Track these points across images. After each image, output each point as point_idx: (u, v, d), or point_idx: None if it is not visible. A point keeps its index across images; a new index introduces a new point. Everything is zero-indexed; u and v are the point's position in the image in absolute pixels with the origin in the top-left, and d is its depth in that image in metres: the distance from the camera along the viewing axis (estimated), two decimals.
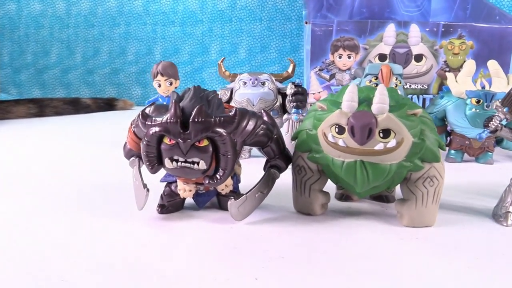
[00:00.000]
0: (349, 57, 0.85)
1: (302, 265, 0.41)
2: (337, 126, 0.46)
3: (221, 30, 1.53)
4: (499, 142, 0.80)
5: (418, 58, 0.88)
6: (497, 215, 0.52)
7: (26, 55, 1.62)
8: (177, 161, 0.47)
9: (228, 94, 0.79)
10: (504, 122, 0.61)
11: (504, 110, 0.51)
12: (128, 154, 0.55)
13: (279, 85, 0.78)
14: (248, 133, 0.50)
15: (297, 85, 0.72)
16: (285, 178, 0.55)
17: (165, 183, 0.55)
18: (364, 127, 0.44)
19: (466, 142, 0.77)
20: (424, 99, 0.90)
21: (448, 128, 0.80)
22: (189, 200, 0.54)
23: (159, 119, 0.46)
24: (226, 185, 0.53)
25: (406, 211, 0.50)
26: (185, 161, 0.47)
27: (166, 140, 0.46)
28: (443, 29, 0.87)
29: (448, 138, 0.80)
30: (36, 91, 1.62)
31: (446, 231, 0.49)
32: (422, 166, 0.48)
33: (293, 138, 0.53)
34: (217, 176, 0.47)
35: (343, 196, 0.58)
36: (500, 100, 0.52)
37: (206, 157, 0.46)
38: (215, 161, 0.47)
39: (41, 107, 1.31)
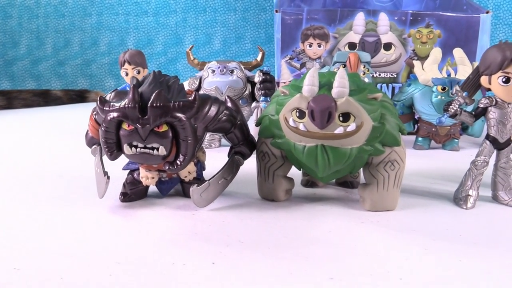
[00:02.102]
0: (319, 46, 0.85)
1: (261, 250, 0.41)
2: (297, 110, 0.46)
3: (195, 21, 1.51)
4: (465, 129, 0.82)
5: (387, 46, 0.89)
6: (458, 199, 0.53)
7: None
8: (136, 147, 0.46)
9: (197, 83, 0.78)
10: (470, 108, 0.62)
11: (464, 94, 0.51)
12: (90, 142, 0.54)
13: (248, 73, 0.78)
14: (210, 118, 0.49)
15: (265, 73, 0.71)
16: (251, 165, 0.55)
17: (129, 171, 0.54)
18: (324, 111, 0.44)
19: (433, 129, 0.78)
20: (393, 88, 0.91)
21: (416, 115, 0.81)
22: (153, 188, 0.53)
23: (117, 105, 0.45)
24: (189, 172, 0.52)
25: (368, 195, 0.50)
26: (145, 147, 0.46)
27: (125, 126, 0.46)
28: (411, 18, 0.87)
29: (416, 126, 0.81)
30: (6, 83, 1.58)
31: (407, 215, 0.49)
32: (383, 150, 0.48)
33: (257, 124, 0.53)
34: (177, 162, 0.47)
35: (309, 183, 0.59)
36: (460, 85, 0.52)
37: (165, 143, 0.46)
38: (176, 147, 0.47)
39: (9, 99, 1.28)
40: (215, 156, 0.60)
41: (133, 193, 0.53)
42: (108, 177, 0.50)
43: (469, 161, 0.54)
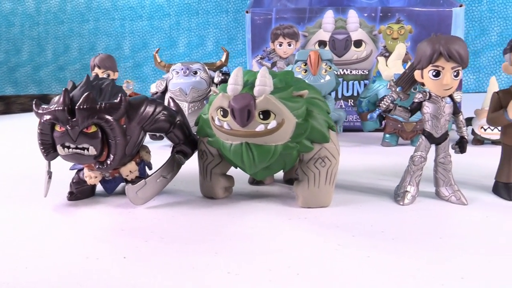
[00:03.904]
0: (289, 45, 0.86)
1: (176, 245, 0.42)
2: (221, 109, 0.47)
3: (188, 23, 1.54)
4: None
5: (358, 43, 0.89)
6: (396, 195, 0.53)
7: None
8: (68, 147, 0.48)
9: (164, 85, 0.80)
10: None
11: (398, 89, 0.51)
12: None
13: (213, 74, 0.79)
14: (145, 119, 0.51)
15: (224, 73, 0.73)
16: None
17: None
18: (243, 109, 0.44)
19: (399, 125, 0.78)
20: (365, 85, 0.90)
21: None
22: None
23: (49, 107, 0.47)
24: (130, 171, 0.54)
25: (300, 192, 0.50)
26: (76, 148, 0.48)
27: (57, 128, 0.48)
28: (381, 14, 0.87)
29: (383, 123, 0.81)
30: (9, 89, 1.65)
31: (339, 212, 0.49)
32: (311, 147, 0.48)
33: (195, 123, 0.54)
34: (107, 161, 0.48)
35: (255, 180, 0.59)
36: (394, 80, 0.52)
37: (95, 143, 0.47)
38: (107, 147, 0.48)
39: (7, 104, 1.33)
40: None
41: (79, 192, 0.55)
42: (50, 177, 0.52)
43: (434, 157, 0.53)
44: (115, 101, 0.47)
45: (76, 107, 0.46)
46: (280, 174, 0.60)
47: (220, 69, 0.80)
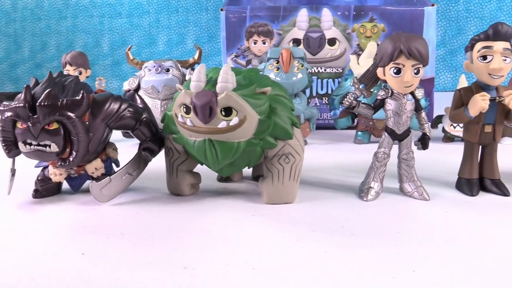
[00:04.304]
0: (264, 43, 0.86)
1: (136, 241, 0.42)
2: (184, 106, 0.47)
3: (168, 21, 1.53)
4: None
5: (332, 42, 0.89)
6: (361, 191, 0.53)
7: None
8: (30, 144, 0.47)
9: (137, 82, 0.79)
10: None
11: (361, 86, 0.52)
12: None
13: (186, 71, 0.79)
14: (110, 116, 0.51)
15: None
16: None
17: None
18: (205, 106, 0.45)
19: (370, 123, 0.79)
20: (339, 82, 0.91)
21: None
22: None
23: (10, 104, 0.47)
24: (96, 168, 0.54)
25: (265, 189, 0.51)
26: (38, 144, 0.47)
27: (19, 125, 0.47)
28: (354, 13, 0.88)
29: (355, 120, 0.82)
30: None
31: (302, 208, 0.50)
32: (275, 143, 0.49)
33: (162, 120, 0.54)
34: (70, 158, 0.48)
35: (223, 177, 0.60)
36: (358, 77, 0.53)
37: (57, 140, 0.47)
38: (70, 144, 0.48)
39: None
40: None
41: (44, 189, 0.54)
42: (13, 175, 0.52)
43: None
44: (77, 97, 0.47)
45: (37, 103, 0.46)
46: (249, 171, 0.61)
47: (192, 66, 0.80)
